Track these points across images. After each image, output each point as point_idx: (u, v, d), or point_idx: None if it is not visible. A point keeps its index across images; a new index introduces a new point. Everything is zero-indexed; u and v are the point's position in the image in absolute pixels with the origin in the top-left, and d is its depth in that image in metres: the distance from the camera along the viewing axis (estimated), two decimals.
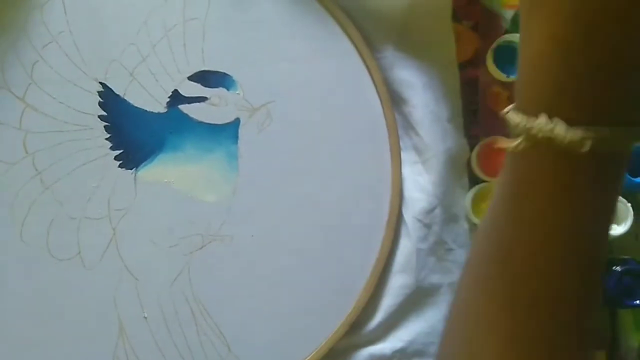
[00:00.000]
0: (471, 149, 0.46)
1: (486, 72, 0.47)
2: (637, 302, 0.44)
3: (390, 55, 0.46)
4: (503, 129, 0.46)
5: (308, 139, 0.45)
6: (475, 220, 0.46)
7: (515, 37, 0.45)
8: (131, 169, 0.43)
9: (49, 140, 0.42)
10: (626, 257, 0.45)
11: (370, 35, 0.46)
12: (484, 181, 0.46)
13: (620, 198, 0.43)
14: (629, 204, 0.43)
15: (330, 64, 0.45)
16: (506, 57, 0.46)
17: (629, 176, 0.43)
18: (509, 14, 0.47)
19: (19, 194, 0.42)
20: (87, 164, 0.42)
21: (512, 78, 0.45)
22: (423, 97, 0.45)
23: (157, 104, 0.43)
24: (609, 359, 0.47)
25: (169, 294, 0.43)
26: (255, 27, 0.44)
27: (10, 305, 0.42)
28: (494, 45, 0.46)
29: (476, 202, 0.46)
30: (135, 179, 0.43)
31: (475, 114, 0.47)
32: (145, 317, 0.43)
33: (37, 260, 0.42)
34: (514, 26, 0.47)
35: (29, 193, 0.42)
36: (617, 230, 0.43)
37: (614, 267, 0.44)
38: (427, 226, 0.45)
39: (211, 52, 0.43)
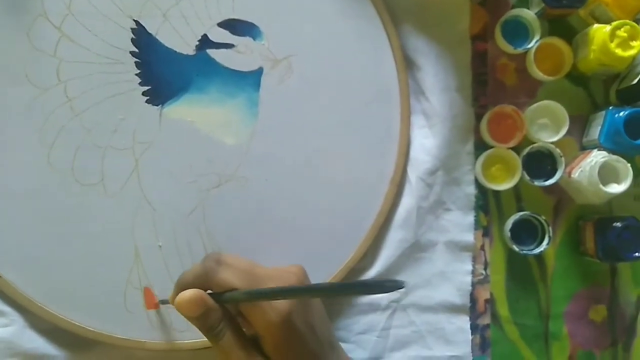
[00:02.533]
0: (481, 117, 0.49)
1: (494, 45, 0.50)
2: (636, 254, 0.46)
3: (409, 24, 0.48)
4: (510, 98, 0.50)
5: (325, 94, 0.47)
6: (485, 183, 0.49)
7: (522, 12, 0.48)
8: (157, 105, 0.45)
9: (82, 70, 0.44)
10: (626, 215, 0.48)
11: (391, 2, 0.48)
12: (492, 147, 0.49)
13: (620, 158, 0.46)
14: (629, 164, 0.46)
15: (352, 25, 0.47)
16: (513, 30, 0.49)
17: (628, 138, 0.45)
18: None
19: (49, 119, 0.44)
20: (115, 96, 0.45)
21: (519, 50, 0.48)
22: (435, 66, 0.48)
23: (186, 46, 0.45)
24: (608, 313, 0.50)
25: (183, 226, 0.45)
26: None
27: (34, 225, 0.44)
28: (502, 19, 0.49)
29: (486, 166, 0.49)
30: (160, 115, 0.45)
31: (484, 84, 0.50)
32: (160, 246, 0.45)
33: (62, 184, 0.44)
34: (521, 1, 0.50)
35: (58, 118, 0.44)
36: (617, 188, 0.46)
37: (614, 224, 0.46)
38: (429, 186, 0.48)
39: (242, 2, 0.46)
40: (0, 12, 0.43)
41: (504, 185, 0.48)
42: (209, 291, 0.38)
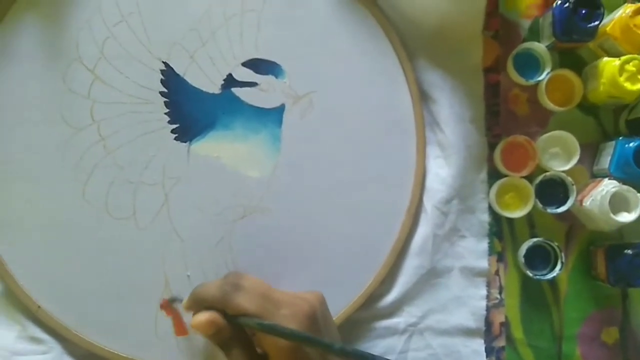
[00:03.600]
0: (494, 147, 0.51)
1: (507, 76, 0.51)
2: None
3: (424, 59, 0.50)
4: (522, 128, 0.52)
5: (344, 128, 0.49)
6: (499, 210, 0.50)
7: (533, 45, 0.50)
8: (185, 142, 0.47)
9: (114, 110, 0.47)
10: (637, 241, 0.49)
11: (406, 38, 0.50)
12: (505, 175, 0.50)
13: (630, 188, 0.47)
14: (639, 194, 0.47)
15: (369, 61, 0.49)
16: (525, 63, 0.51)
17: (638, 169, 0.46)
18: (526, 23, 0.52)
19: (84, 157, 0.46)
20: (146, 135, 0.47)
21: (530, 82, 0.50)
22: (450, 98, 0.50)
23: (212, 86, 0.48)
24: (620, 335, 0.52)
25: (210, 257, 0.48)
26: (305, 23, 0.48)
27: (70, 257, 0.46)
28: (514, 52, 0.50)
29: (500, 194, 0.51)
30: (188, 152, 0.47)
31: (497, 115, 0.51)
32: (189, 276, 0.47)
33: (96, 218, 0.46)
34: (532, 34, 0.52)
35: (92, 156, 0.46)
36: (627, 217, 0.47)
37: (625, 251, 0.48)
38: (445, 214, 0.50)
39: (264, 42, 0.48)
40: (39, 58, 0.46)
41: (517, 213, 0.50)
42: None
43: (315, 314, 0.41)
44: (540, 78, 0.50)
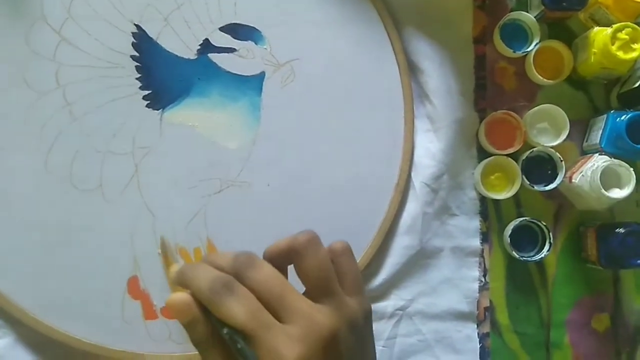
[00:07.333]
0: (479, 122, 0.49)
1: (493, 48, 0.50)
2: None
3: (412, 28, 0.48)
4: (509, 101, 0.50)
5: (328, 99, 0.47)
6: (484, 192, 0.48)
7: (521, 15, 0.48)
8: (158, 110, 0.44)
9: (81, 74, 0.43)
10: (629, 220, 0.47)
11: (393, 6, 0.48)
12: (492, 154, 0.48)
13: (623, 162, 0.45)
14: (632, 169, 0.45)
15: (354, 29, 0.47)
16: (512, 34, 0.49)
17: (631, 142, 0.45)
18: None
19: (48, 123, 0.43)
20: (115, 101, 0.44)
21: (518, 54, 0.48)
22: (439, 69, 0.48)
23: (187, 50, 0.45)
24: (611, 321, 0.49)
25: (184, 233, 0.44)
26: None
27: (30, 231, 0.42)
28: (501, 22, 0.49)
29: (485, 174, 0.48)
30: (161, 120, 0.44)
31: (483, 88, 0.50)
32: (159, 253, 0.44)
33: (59, 189, 0.43)
34: (520, 5, 0.50)
35: (57, 123, 0.43)
36: (619, 193, 0.45)
37: (616, 230, 0.46)
38: (434, 191, 0.48)
39: (243, 6, 0.45)
40: None
41: (504, 194, 0.48)
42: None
43: (336, 338, 0.30)
44: (528, 49, 0.48)
